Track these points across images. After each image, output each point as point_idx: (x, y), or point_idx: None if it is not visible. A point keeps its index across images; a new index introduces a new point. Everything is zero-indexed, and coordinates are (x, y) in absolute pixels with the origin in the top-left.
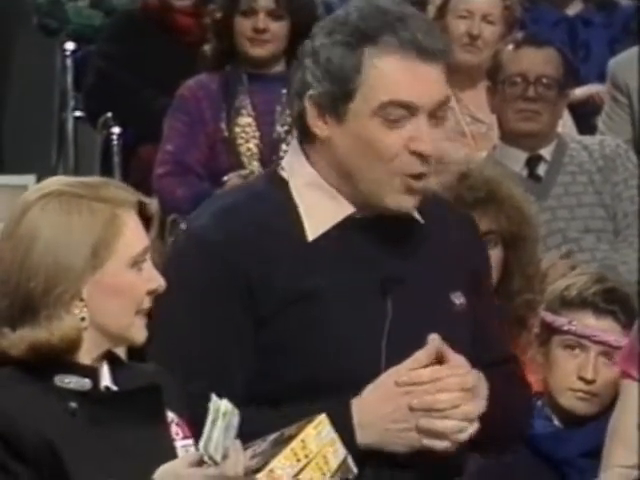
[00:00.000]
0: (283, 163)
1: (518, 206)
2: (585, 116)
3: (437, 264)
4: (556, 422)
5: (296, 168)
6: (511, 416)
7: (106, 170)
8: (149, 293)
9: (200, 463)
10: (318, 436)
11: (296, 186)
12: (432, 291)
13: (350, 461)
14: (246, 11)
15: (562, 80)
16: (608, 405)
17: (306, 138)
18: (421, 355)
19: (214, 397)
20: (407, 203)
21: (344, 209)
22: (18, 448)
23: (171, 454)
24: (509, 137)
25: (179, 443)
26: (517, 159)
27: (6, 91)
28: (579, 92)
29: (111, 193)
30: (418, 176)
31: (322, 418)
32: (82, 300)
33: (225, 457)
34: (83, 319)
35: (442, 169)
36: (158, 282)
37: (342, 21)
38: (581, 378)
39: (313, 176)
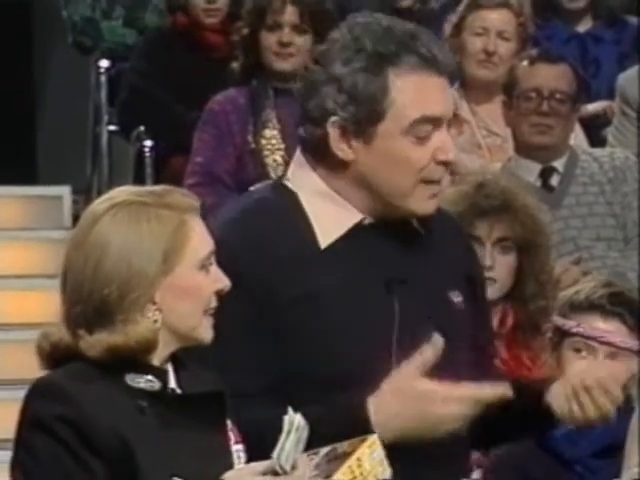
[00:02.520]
0: (288, 175)
1: (532, 215)
2: (595, 129)
3: (436, 265)
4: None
5: (303, 178)
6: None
7: (139, 181)
8: (216, 293)
9: (270, 472)
10: (371, 455)
11: (305, 195)
12: (433, 290)
13: None
14: (272, 26)
15: (574, 95)
16: (618, 406)
17: (324, 159)
18: (428, 350)
19: (290, 410)
20: (430, 207)
21: (353, 216)
22: (93, 443)
23: (229, 458)
24: (524, 149)
25: (232, 448)
26: (531, 170)
27: (43, 106)
28: (591, 108)
29: (176, 200)
30: (439, 181)
31: (375, 438)
32: (155, 303)
33: (294, 468)
34: (156, 321)
35: (460, 179)
36: (224, 282)
37: (357, 48)
38: None
39: (321, 186)
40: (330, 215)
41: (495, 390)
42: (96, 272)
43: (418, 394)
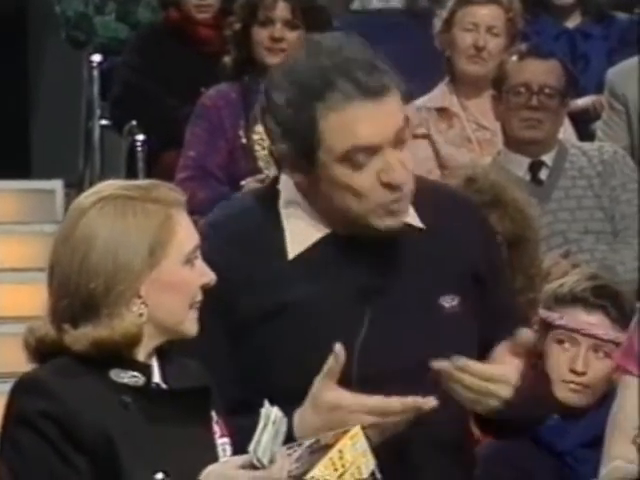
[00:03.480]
0: (281, 178)
1: (522, 209)
2: (584, 123)
3: (426, 268)
4: (555, 415)
5: (286, 185)
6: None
7: (131, 175)
8: (202, 287)
9: (248, 466)
10: (353, 447)
11: (283, 203)
12: (416, 299)
13: (377, 472)
14: (264, 21)
15: (563, 90)
16: (600, 397)
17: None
18: (331, 361)
19: (266, 403)
20: (393, 223)
21: (324, 228)
22: (77, 438)
23: (214, 452)
24: (513, 144)
25: (217, 442)
26: (520, 164)
27: (35, 100)
28: (580, 102)
29: (162, 194)
30: (395, 201)
31: (357, 430)
32: (140, 297)
33: (272, 462)
34: (142, 315)
35: (450, 174)
36: (210, 276)
37: (290, 79)
38: (572, 371)
39: (296, 195)
40: (301, 226)
41: (408, 403)
42: (82, 266)
43: (331, 406)
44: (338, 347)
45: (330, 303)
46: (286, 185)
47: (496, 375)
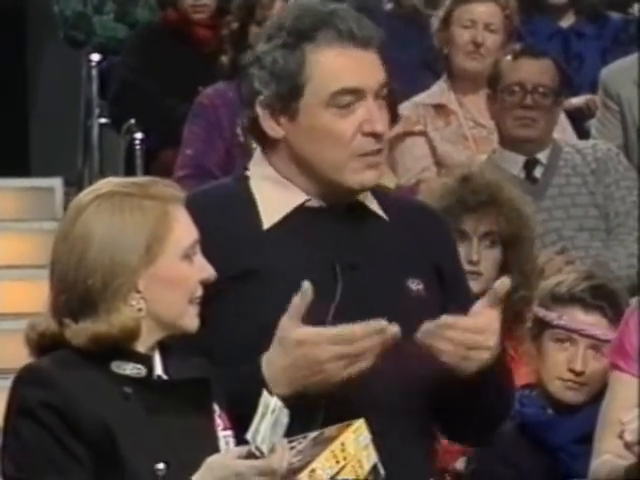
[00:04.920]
0: (249, 165)
1: (517, 208)
2: (579, 122)
3: (393, 253)
4: (549, 410)
5: (257, 166)
6: (492, 404)
7: (129, 173)
8: (201, 282)
9: (248, 455)
10: (356, 440)
11: (254, 180)
12: (386, 277)
13: (379, 465)
14: (261, 21)
15: (557, 89)
16: (596, 394)
17: (262, 141)
18: (297, 299)
19: (265, 392)
20: (368, 179)
21: (297, 198)
22: (77, 428)
23: (215, 443)
24: (508, 142)
25: (220, 434)
26: (515, 162)
27: (35, 99)
28: (575, 101)
29: (160, 191)
30: (375, 152)
31: (360, 423)
32: (139, 292)
33: (272, 451)
34: (140, 310)
35: (446, 172)
36: (209, 272)
37: (278, 26)
38: (571, 370)
39: (268, 171)
40: (275, 197)
41: (369, 327)
42: (80, 262)
43: (295, 342)
44: (306, 285)
45: (302, 273)
46: (255, 164)
47: (482, 326)
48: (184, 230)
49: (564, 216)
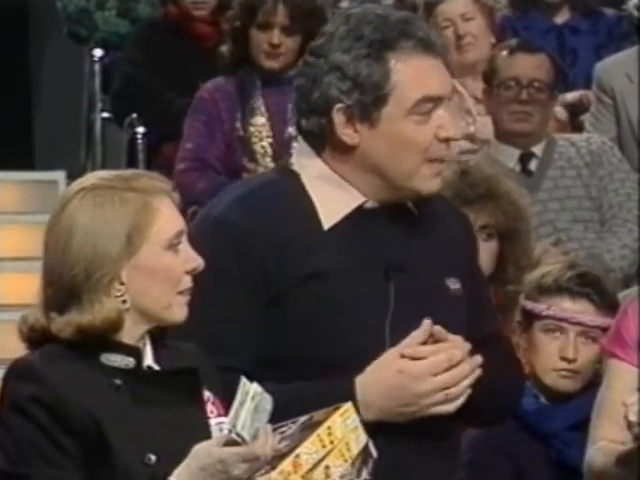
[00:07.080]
0: (292, 160)
1: (514, 202)
2: (573, 116)
3: (434, 252)
4: (542, 399)
5: (307, 164)
6: (502, 390)
7: (131, 167)
8: (188, 273)
9: (231, 442)
10: (344, 423)
11: (308, 178)
12: (430, 277)
13: (371, 446)
14: (262, 25)
15: (552, 84)
16: (589, 381)
17: (329, 146)
18: (417, 334)
19: (243, 379)
20: (434, 186)
21: (355, 199)
22: (67, 422)
23: (206, 432)
24: (503, 136)
25: (213, 421)
26: (511, 156)
27: (39, 94)
28: (570, 96)
29: (142, 183)
30: (444, 159)
31: (348, 406)
32: (122, 284)
33: (255, 438)
34: (125, 301)
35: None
36: (196, 262)
37: (357, 36)
38: (563, 358)
39: (325, 170)
40: (333, 197)
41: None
42: (65, 254)
43: (396, 372)
44: (427, 322)
45: (358, 275)
46: (308, 163)
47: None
48: (167, 221)
49: (559, 208)
